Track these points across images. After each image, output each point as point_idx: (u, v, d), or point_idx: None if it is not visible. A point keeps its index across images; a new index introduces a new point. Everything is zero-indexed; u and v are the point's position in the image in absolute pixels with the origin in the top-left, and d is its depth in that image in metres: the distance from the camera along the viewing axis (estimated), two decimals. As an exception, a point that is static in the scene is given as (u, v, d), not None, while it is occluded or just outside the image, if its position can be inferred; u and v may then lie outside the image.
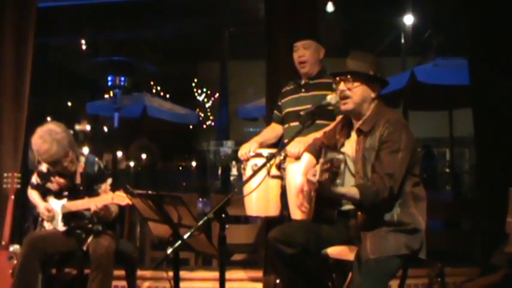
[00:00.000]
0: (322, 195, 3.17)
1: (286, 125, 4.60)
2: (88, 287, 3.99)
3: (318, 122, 3.70)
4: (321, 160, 3.08)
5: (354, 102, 3.29)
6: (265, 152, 4.30)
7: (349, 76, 3.30)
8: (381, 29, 14.63)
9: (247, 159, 4.32)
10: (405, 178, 3.14)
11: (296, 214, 3.85)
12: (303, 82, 4.58)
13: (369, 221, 3.18)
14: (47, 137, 4.09)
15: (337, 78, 3.36)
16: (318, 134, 3.78)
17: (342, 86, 3.31)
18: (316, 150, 3.61)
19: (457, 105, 9.37)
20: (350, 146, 3.37)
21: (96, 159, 4.45)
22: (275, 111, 4.85)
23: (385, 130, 3.16)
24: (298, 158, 3.85)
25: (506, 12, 5.40)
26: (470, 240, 5.61)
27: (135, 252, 4.56)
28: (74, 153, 4.24)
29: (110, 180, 4.40)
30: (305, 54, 4.49)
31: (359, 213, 3.23)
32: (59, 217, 4.26)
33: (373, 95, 3.32)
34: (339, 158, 2.92)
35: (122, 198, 3.99)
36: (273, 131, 4.79)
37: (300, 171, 3.63)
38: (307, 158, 3.64)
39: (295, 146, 3.86)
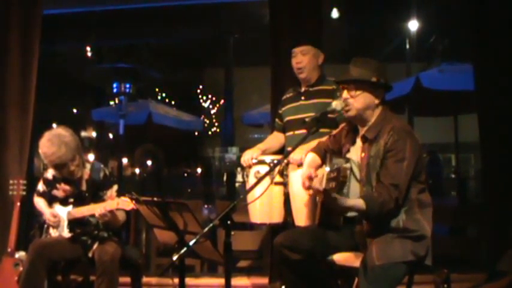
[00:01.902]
0: (329, 207, 3.15)
1: (290, 133, 4.56)
2: (93, 293, 4.00)
3: (320, 130, 3.70)
4: (326, 166, 3.07)
5: (356, 109, 3.29)
6: (268, 158, 4.29)
7: (351, 84, 3.31)
8: (385, 35, 14.63)
9: (250, 166, 4.32)
10: (411, 185, 3.13)
11: (300, 220, 3.85)
12: (302, 90, 4.55)
13: (374, 227, 3.17)
14: (55, 139, 4.10)
15: (340, 86, 3.37)
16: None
17: (345, 94, 3.31)
18: (321, 152, 3.62)
19: (462, 111, 9.38)
20: (355, 152, 3.37)
21: (102, 165, 4.46)
22: (276, 120, 4.83)
23: (390, 138, 3.15)
24: (300, 164, 3.85)
25: (511, 17, 5.40)
26: (476, 246, 5.59)
27: (140, 259, 4.56)
28: (80, 158, 4.25)
29: (115, 187, 4.39)
30: (303, 60, 4.46)
31: (364, 220, 3.23)
32: (65, 224, 4.26)
33: (376, 101, 3.31)
34: (345, 166, 2.92)
35: (126, 203, 3.99)
36: (276, 139, 4.77)
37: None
38: (311, 156, 3.64)
39: (298, 152, 3.85)
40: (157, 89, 17.91)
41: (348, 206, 3.03)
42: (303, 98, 4.51)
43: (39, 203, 4.42)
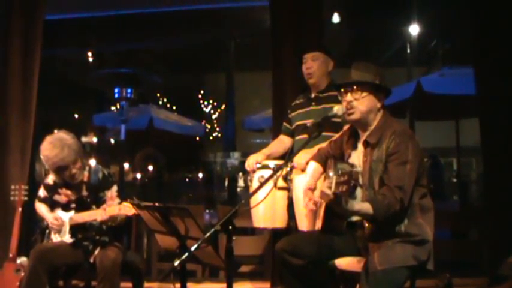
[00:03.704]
0: (334, 210, 3.13)
1: (296, 138, 4.61)
2: (95, 298, 3.99)
3: (324, 133, 3.70)
4: (331, 171, 3.04)
5: (361, 111, 3.28)
6: (272, 163, 4.30)
7: (355, 86, 3.30)
8: (386, 39, 14.62)
9: (254, 171, 4.32)
10: (413, 189, 3.13)
11: (303, 225, 3.84)
12: (313, 96, 4.59)
13: (376, 232, 3.17)
14: (57, 142, 4.10)
15: (342, 90, 3.36)
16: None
17: (349, 96, 3.29)
18: (322, 159, 3.62)
19: (463, 115, 9.38)
20: (357, 157, 3.36)
21: (100, 167, 4.46)
22: (284, 123, 4.84)
23: (392, 142, 3.15)
24: (304, 169, 3.85)
25: (512, 21, 5.41)
26: (478, 250, 5.58)
27: (142, 264, 4.56)
28: (81, 162, 4.24)
29: (115, 187, 4.38)
30: (312, 66, 4.51)
31: (366, 224, 3.22)
32: (67, 229, 4.26)
33: (378, 105, 3.31)
34: (356, 170, 2.89)
35: (128, 208, 3.99)
36: (281, 143, 4.78)
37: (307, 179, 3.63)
38: (313, 165, 3.64)
39: (302, 157, 3.86)
40: (158, 94, 17.89)
41: (356, 210, 3.00)
42: (313, 103, 4.55)
43: (41, 208, 4.41)
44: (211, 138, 19.29)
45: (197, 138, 15.49)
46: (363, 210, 3.02)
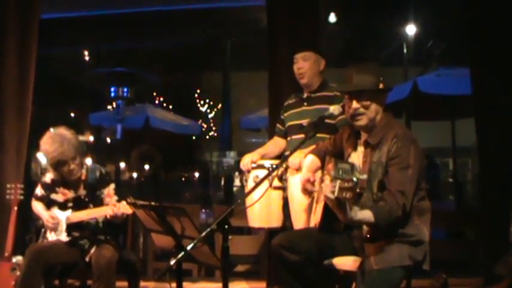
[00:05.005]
0: (337, 215, 3.09)
1: (289, 138, 4.59)
2: (90, 298, 3.99)
3: (319, 135, 3.69)
4: (331, 168, 2.98)
5: (369, 118, 3.23)
6: (267, 163, 4.30)
7: (363, 93, 3.22)
8: (383, 39, 14.63)
9: (249, 171, 4.31)
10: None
11: (298, 225, 3.84)
12: (305, 96, 4.56)
13: (372, 232, 3.16)
14: (57, 137, 4.14)
15: (346, 96, 3.31)
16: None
17: (356, 104, 3.22)
18: (321, 153, 3.61)
19: (459, 115, 9.38)
20: (357, 157, 3.34)
21: (98, 165, 4.47)
22: (278, 125, 4.83)
23: (394, 145, 3.12)
24: (299, 169, 3.85)
25: (508, 21, 5.41)
26: (473, 250, 5.59)
27: (138, 263, 4.55)
28: (80, 158, 4.25)
29: (112, 185, 4.40)
30: (304, 66, 4.47)
31: (364, 226, 3.20)
32: (63, 228, 4.26)
33: (382, 107, 3.28)
34: (363, 178, 2.86)
35: (127, 206, 3.99)
36: (276, 144, 4.77)
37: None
38: (310, 158, 3.62)
39: (297, 157, 3.85)
40: (155, 93, 17.87)
41: (358, 219, 2.96)
42: (305, 103, 4.52)
43: (37, 206, 4.41)
44: (207, 137, 19.26)
45: (193, 138, 15.48)
46: (365, 219, 2.98)
